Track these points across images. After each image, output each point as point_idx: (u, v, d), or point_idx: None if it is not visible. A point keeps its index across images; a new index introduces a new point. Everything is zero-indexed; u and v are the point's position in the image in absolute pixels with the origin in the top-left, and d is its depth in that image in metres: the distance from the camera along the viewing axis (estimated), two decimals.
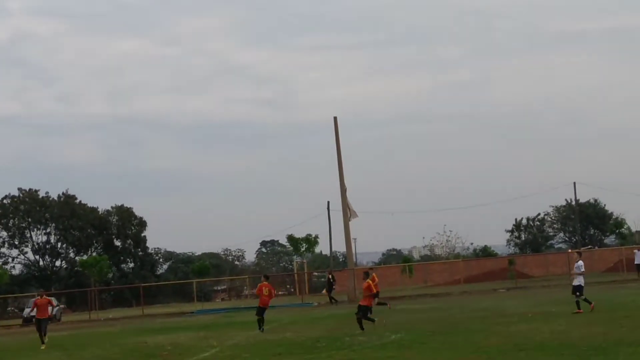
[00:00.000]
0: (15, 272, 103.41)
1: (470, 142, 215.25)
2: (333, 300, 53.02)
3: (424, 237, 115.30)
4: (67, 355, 25.26)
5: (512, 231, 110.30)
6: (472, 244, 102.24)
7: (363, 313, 27.02)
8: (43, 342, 30.29)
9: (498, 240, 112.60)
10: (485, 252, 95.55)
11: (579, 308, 27.67)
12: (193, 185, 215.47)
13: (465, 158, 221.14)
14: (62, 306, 72.20)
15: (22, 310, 67.78)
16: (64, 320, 61.56)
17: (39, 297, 32.69)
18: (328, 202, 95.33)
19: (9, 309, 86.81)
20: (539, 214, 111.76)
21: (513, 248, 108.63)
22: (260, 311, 30.81)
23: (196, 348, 24.15)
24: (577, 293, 28.22)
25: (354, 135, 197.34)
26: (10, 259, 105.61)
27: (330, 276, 55.92)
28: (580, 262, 28.98)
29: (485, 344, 19.02)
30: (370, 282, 28.95)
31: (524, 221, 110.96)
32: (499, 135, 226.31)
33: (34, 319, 32.11)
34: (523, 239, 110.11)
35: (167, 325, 40.80)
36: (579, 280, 28.47)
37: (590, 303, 27.89)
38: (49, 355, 25.43)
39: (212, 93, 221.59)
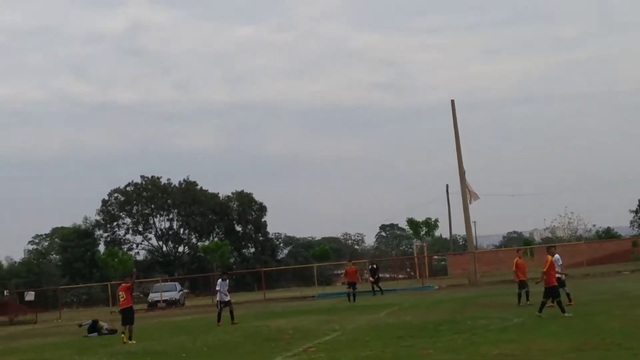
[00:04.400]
0: (140, 257, 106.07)
1: (591, 122, 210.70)
2: (377, 289, 51.12)
3: (545, 220, 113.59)
4: (192, 339, 25.70)
5: (636, 212, 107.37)
6: (594, 225, 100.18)
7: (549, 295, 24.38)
8: (126, 336, 26.67)
9: (622, 221, 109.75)
10: (608, 234, 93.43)
11: (569, 300, 27.49)
12: (312, 170, 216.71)
13: (585, 138, 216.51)
14: (185, 291, 73.74)
15: (147, 295, 69.45)
16: (188, 305, 62.83)
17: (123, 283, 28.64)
18: (447, 185, 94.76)
19: (134, 293, 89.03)
20: None
21: (637, 229, 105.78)
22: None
23: (318, 332, 24.25)
24: (563, 285, 27.76)
25: (472, 117, 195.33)
26: (135, 245, 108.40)
27: (373, 265, 54.43)
28: (557, 256, 28.40)
29: (608, 327, 18.54)
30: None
31: None
32: (619, 114, 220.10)
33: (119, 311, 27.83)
34: None
35: (288, 309, 41.15)
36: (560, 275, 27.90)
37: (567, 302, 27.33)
38: (174, 340, 25.92)
39: (328, 77, 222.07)
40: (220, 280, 33.13)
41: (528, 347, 15.70)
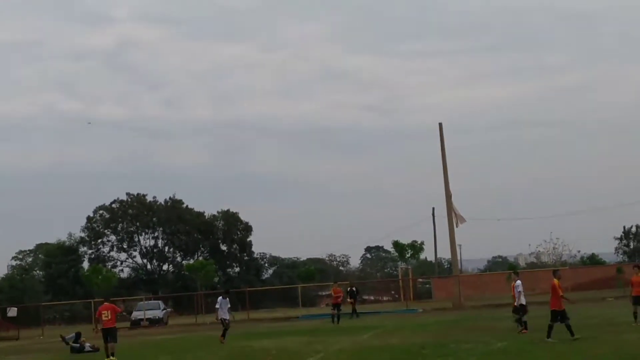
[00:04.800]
0: (124, 275, 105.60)
1: (577, 148, 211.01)
2: (355, 314, 49.70)
3: (529, 245, 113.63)
4: (174, 358, 25.63)
5: (620, 239, 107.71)
6: (579, 251, 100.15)
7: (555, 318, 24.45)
8: (112, 355, 26.85)
9: (606, 248, 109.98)
10: (593, 260, 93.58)
11: (524, 328, 27.75)
12: (298, 190, 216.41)
13: (572, 164, 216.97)
14: (169, 309, 73.43)
15: (130, 313, 69.14)
16: (171, 324, 62.62)
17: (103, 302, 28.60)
18: (433, 208, 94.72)
19: (122, 308, 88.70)
20: None
21: (622, 256, 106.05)
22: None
23: (301, 353, 24.21)
24: (520, 313, 28.29)
25: (459, 141, 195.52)
26: (119, 262, 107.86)
27: (353, 288, 53.60)
28: (519, 282, 29.23)
29: (594, 353, 18.58)
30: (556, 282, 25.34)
31: (634, 229, 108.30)
32: (607, 140, 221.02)
33: (101, 330, 27.70)
34: (632, 247, 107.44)
35: (272, 330, 41.09)
36: (520, 300, 28.49)
37: (522, 325, 27.89)
38: (157, 359, 25.83)
39: (317, 98, 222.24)
40: (220, 298, 33.14)
41: None
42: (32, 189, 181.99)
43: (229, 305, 33.36)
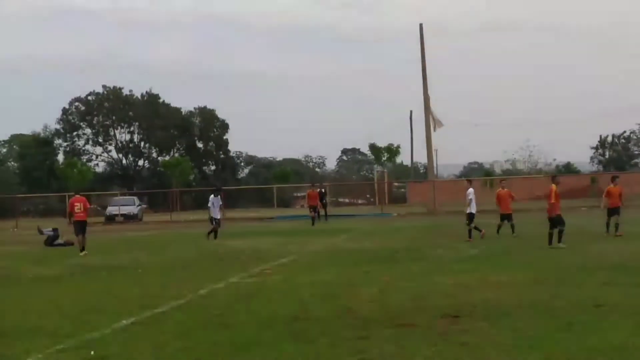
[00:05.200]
0: (99, 169, 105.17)
1: (560, 56, 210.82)
2: (322, 216, 48.36)
3: (505, 151, 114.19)
4: (148, 255, 25.69)
5: (596, 148, 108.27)
6: (554, 160, 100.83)
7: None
8: (83, 248, 26.86)
9: (582, 157, 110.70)
10: (568, 169, 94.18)
11: (479, 230, 28.21)
12: (277, 89, 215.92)
13: (553, 72, 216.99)
14: (144, 206, 73.46)
15: (105, 208, 69.10)
16: (146, 220, 62.71)
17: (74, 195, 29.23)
18: (411, 112, 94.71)
19: (92, 206, 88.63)
20: (624, 132, 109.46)
21: (597, 166, 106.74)
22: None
23: (274, 253, 24.31)
24: (467, 221, 28.54)
25: (441, 44, 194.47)
26: (94, 157, 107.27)
27: (321, 190, 51.31)
28: (470, 190, 29.46)
29: (564, 262, 18.72)
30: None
31: (609, 138, 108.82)
32: (590, 48, 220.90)
33: (73, 222, 27.82)
34: (607, 157, 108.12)
35: (246, 230, 41.23)
36: (471, 209, 28.70)
37: (480, 230, 28.15)
38: (131, 255, 25.89)
39: None
40: (212, 196, 33.00)
41: (483, 279, 15.82)
42: (6, 78, 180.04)
43: (221, 203, 33.32)
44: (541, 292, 13.65)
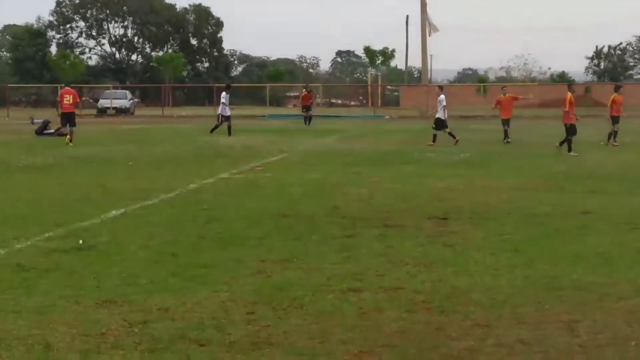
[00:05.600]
0: (92, 62, 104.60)
1: None
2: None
3: (501, 59, 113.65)
4: (139, 148, 25.70)
5: (591, 58, 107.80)
6: (549, 68, 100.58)
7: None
8: (68, 138, 27.35)
9: (577, 67, 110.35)
10: (562, 78, 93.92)
11: (453, 137, 28.03)
12: None
13: None
14: (136, 100, 73.29)
15: (97, 100, 68.88)
16: (137, 114, 62.59)
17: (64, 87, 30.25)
18: (407, 16, 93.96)
19: (84, 98, 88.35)
20: (620, 43, 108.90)
21: (591, 76, 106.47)
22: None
23: (265, 151, 24.34)
24: (441, 127, 28.61)
25: None
26: (87, 50, 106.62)
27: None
28: (442, 96, 29.57)
29: (553, 170, 18.78)
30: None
31: (605, 49, 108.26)
32: None
33: (60, 113, 28.88)
34: (602, 67, 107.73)
35: (238, 127, 41.13)
36: (439, 114, 28.96)
37: (454, 137, 28.06)
38: (121, 147, 25.89)
39: None
40: (224, 92, 32.96)
41: (472, 183, 15.89)
42: None
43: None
44: (529, 198, 13.72)
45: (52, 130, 32.10)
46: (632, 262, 8.60)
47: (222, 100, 32.86)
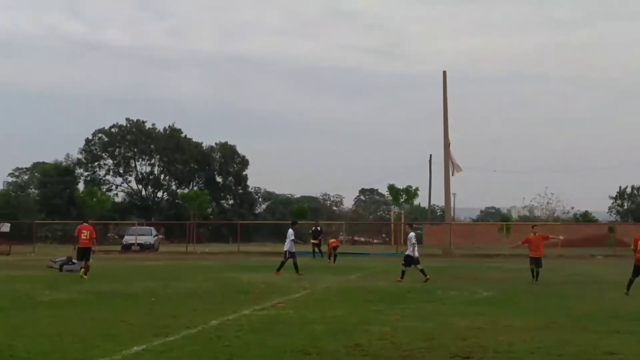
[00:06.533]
0: (118, 199, 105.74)
1: (580, 105, 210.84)
2: (317, 252, 49.89)
3: (524, 198, 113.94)
4: (162, 284, 25.74)
5: (615, 198, 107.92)
6: (572, 208, 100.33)
7: None
8: (83, 271, 28.55)
9: (600, 207, 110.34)
10: (585, 218, 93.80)
11: (424, 275, 28.38)
12: (296, 129, 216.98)
13: (573, 121, 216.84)
14: (160, 236, 73.71)
15: (122, 237, 69.36)
16: (162, 251, 62.85)
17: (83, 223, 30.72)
18: (430, 156, 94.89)
19: (110, 234, 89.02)
20: None
21: (614, 216, 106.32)
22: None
23: (288, 288, 24.32)
24: (412, 264, 29.00)
25: (461, 90, 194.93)
26: (114, 187, 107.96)
27: (317, 228, 52.85)
28: (412, 234, 30.16)
29: (577, 309, 18.65)
30: None
31: (629, 189, 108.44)
32: (611, 99, 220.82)
33: (77, 248, 30.08)
34: (626, 207, 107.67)
35: (261, 264, 41.27)
36: (408, 251, 29.54)
37: (425, 275, 28.36)
38: (145, 284, 25.96)
39: (321, 37, 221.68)
40: (290, 230, 32.97)
41: (495, 322, 15.79)
42: (32, 108, 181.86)
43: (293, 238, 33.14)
44: (553, 337, 13.61)
45: (75, 263, 32.28)
46: None
47: (291, 237, 32.77)
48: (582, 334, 14.26)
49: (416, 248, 29.36)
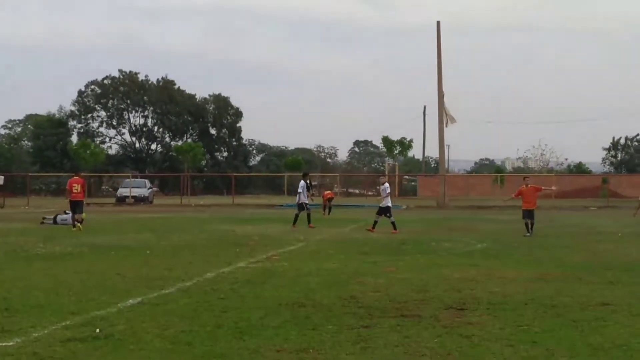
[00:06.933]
0: (112, 152, 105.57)
1: (575, 56, 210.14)
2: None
3: (518, 149, 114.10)
4: (157, 237, 25.77)
5: (608, 149, 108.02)
6: (566, 159, 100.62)
7: None
8: (74, 225, 28.95)
9: (593, 158, 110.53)
10: (579, 169, 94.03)
11: (394, 228, 28.94)
12: (291, 79, 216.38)
13: (568, 72, 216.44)
14: (155, 189, 73.73)
15: (116, 189, 69.37)
16: (156, 203, 62.90)
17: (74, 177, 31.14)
18: (424, 107, 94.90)
19: (104, 187, 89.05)
20: (638, 134, 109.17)
21: (608, 167, 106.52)
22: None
23: (283, 240, 24.37)
24: (387, 214, 29.65)
25: (455, 41, 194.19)
26: (107, 139, 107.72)
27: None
28: (386, 185, 30.59)
29: (571, 260, 18.70)
30: None
31: (622, 140, 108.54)
32: (606, 51, 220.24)
33: (69, 201, 30.01)
34: (619, 158, 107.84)
35: (256, 216, 41.33)
36: (386, 202, 29.87)
37: (395, 228, 28.96)
38: (139, 236, 25.98)
39: None
40: (302, 182, 32.94)
41: (489, 273, 15.82)
42: (24, 60, 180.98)
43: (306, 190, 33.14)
44: (547, 288, 13.64)
45: (68, 213, 32.18)
46: None
47: (300, 189, 32.74)
48: (575, 285, 14.30)
49: (389, 198, 29.91)
